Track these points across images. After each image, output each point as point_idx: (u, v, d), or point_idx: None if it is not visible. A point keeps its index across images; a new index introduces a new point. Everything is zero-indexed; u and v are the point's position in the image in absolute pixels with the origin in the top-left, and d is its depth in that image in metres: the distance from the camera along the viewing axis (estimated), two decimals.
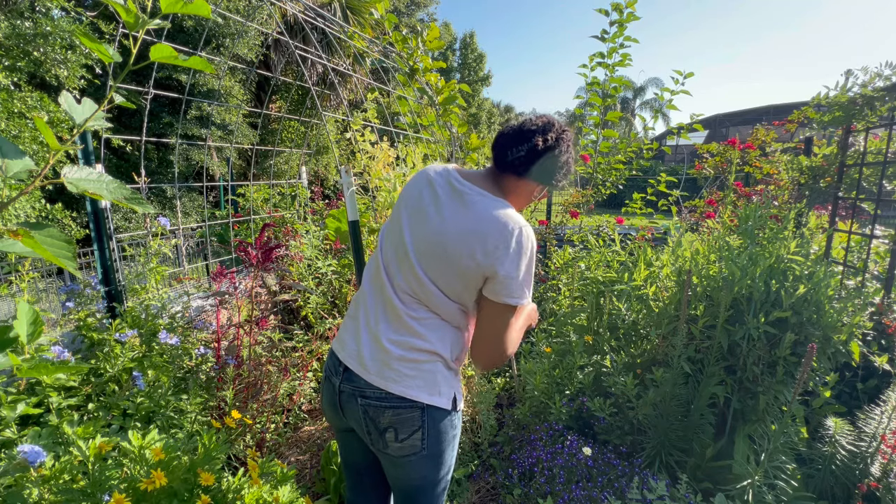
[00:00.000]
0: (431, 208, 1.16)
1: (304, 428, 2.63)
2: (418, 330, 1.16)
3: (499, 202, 1.14)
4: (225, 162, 9.85)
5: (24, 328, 0.72)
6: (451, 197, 1.16)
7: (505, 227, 1.09)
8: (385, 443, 1.17)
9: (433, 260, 1.14)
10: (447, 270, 1.13)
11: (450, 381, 1.20)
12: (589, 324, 2.67)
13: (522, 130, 1.17)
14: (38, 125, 0.57)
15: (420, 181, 1.22)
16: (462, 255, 1.10)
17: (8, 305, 3.30)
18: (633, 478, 1.87)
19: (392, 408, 1.15)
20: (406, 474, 1.22)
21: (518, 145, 1.16)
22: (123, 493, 1.13)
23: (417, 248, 1.16)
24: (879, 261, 2.66)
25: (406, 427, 1.15)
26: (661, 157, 25.18)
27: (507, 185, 1.20)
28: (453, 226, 1.12)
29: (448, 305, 1.17)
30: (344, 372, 1.21)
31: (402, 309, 1.17)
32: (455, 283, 1.14)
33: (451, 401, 1.20)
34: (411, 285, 1.17)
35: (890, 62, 2.41)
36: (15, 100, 5.09)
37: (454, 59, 27.14)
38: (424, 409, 1.15)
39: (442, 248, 1.12)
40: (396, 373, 1.14)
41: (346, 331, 1.26)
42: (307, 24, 2.87)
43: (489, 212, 1.11)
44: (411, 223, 1.18)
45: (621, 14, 3.04)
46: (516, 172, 1.17)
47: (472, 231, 1.10)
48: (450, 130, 2.84)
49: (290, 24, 10.35)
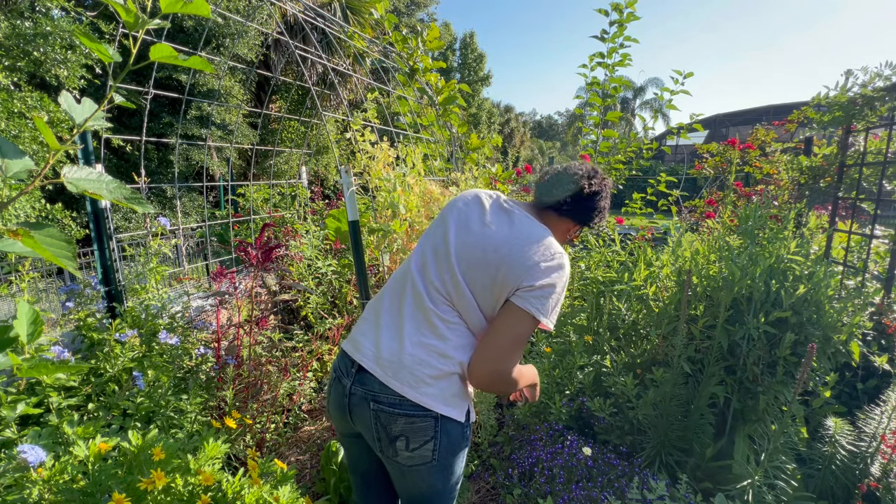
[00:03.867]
0: (477, 218, 1.21)
1: (304, 428, 2.63)
2: (443, 332, 1.15)
3: (543, 227, 1.22)
4: (225, 162, 9.85)
5: (24, 328, 0.72)
6: (498, 213, 1.23)
7: (548, 247, 1.15)
8: (395, 451, 1.14)
9: (473, 265, 1.16)
10: (484, 277, 1.14)
11: (464, 393, 1.19)
12: (589, 324, 2.67)
13: (570, 174, 1.27)
14: (38, 125, 0.57)
15: (469, 196, 1.28)
16: (501, 265, 1.13)
17: (8, 305, 3.30)
18: (633, 478, 1.87)
19: (405, 415, 1.12)
20: (414, 484, 1.20)
21: (564, 186, 1.26)
22: (123, 493, 1.13)
23: (459, 252, 1.18)
24: (879, 261, 2.66)
25: (418, 436, 1.13)
26: (661, 157, 25.19)
27: (547, 219, 1.27)
28: (498, 236, 1.17)
29: (476, 314, 1.17)
30: (357, 373, 1.18)
31: (432, 308, 1.17)
32: (488, 292, 1.15)
33: (465, 413, 1.19)
34: (446, 286, 1.17)
35: (890, 62, 2.42)
36: (15, 100, 5.09)
37: (454, 59, 27.15)
38: (438, 420, 1.13)
39: (483, 253, 1.15)
40: (414, 378, 1.12)
41: (362, 333, 1.24)
42: (307, 24, 2.87)
43: (534, 231, 1.18)
44: (457, 228, 1.21)
45: (621, 14, 3.03)
46: (558, 211, 1.26)
47: (515, 243, 1.14)
48: (450, 130, 2.84)
49: (290, 24, 10.35)
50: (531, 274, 1.10)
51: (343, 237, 3.20)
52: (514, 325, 1.11)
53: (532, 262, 1.11)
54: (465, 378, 1.18)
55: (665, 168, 16.47)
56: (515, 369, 1.12)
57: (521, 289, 1.10)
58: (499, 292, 1.13)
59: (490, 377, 1.12)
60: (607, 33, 3.11)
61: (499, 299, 1.14)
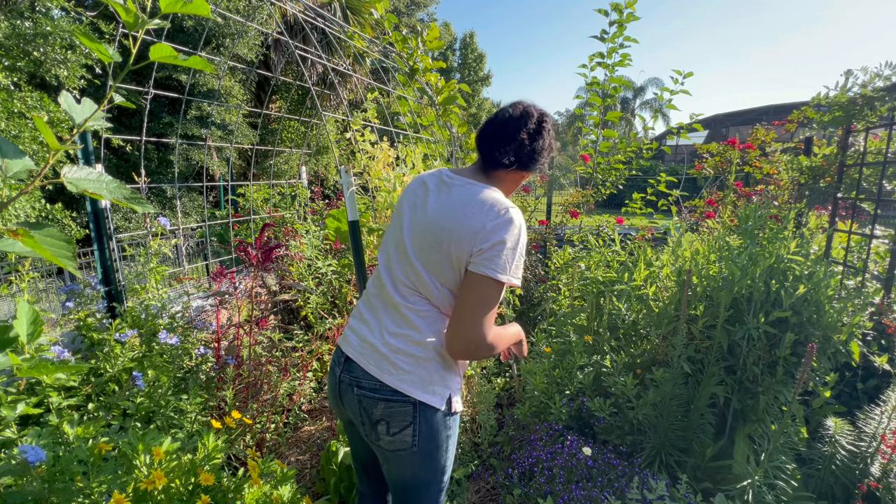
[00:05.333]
0: (422, 203, 1.23)
1: (304, 428, 2.63)
2: (415, 322, 1.19)
3: (484, 187, 1.20)
4: (225, 162, 9.86)
5: (24, 328, 0.72)
6: (439, 189, 1.24)
7: (492, 206, 1.15)
8: (377, 435, 1.20)
9: (425, 247, 1.19)
10: (437, 255, 1.17)
11: (446, 380, 1.21)
12: (589, 324, 2.67)
13: (504, 126, 1.23)
14: (38, 125, 0.57)
15: (415, 184, 1.30)
16: (450, 240, 1.14)
17: (8, 305, 3.30)
18: (632, 478, 1.87)
19: (385, 400, 1.17)
20: (398, 470, 1.24)
21: (503, 145, 1.22)
22: (123, 493, 1.13)
23: (413, 242, 1.21)
24: (879, 261, 2.66)
25: (397, 421, 1.18)
26: (661, 157, 25.18)
27: (496, 176, 1.27)
28: (441, 212, 1.18)
29: (445, 294, 1.20)
30: (345, 362, 1.25)
31: (401, 302, 1.21)
32: (447, 270, 1.17)
33: (446, 401, 1.21)
34: (409, 277, 1.21)
35: (890, 62, 2.42)
36: (15, 100, 5.09)
37: (454, 59, 27.15)
38: (416, 405, 1.17)
39: (431, 233, 1.18)
40: (393, 365, 1.17)
41: (349, 327, 1.31)
42: (307, 24, 2.87)
43: (473, 195, 1.18)
44: (410, 219, 1.25)
45: (621, 14, 3.04)
46: (504, 168, 1.24)
47: (456, 214, 1.16)
48: (450, 130, 2.84)
49: (290, 24, 10.35)
50: (478, 238, 1.11)
51: (343, 237, 3.20)
52: (476, 291, 1.13)
53: (476, 226, 1.12)
54: (447, 363, 1.21)
55: (665, 168, 16.47)
56: (491, 333, 1.15)
57: (473, 254, 1.12)
58: (456, 265, 1.15)
59: (466, 346, 1.15)
60: (607, 33, 3.11)
61: (460, 271, 1.16)
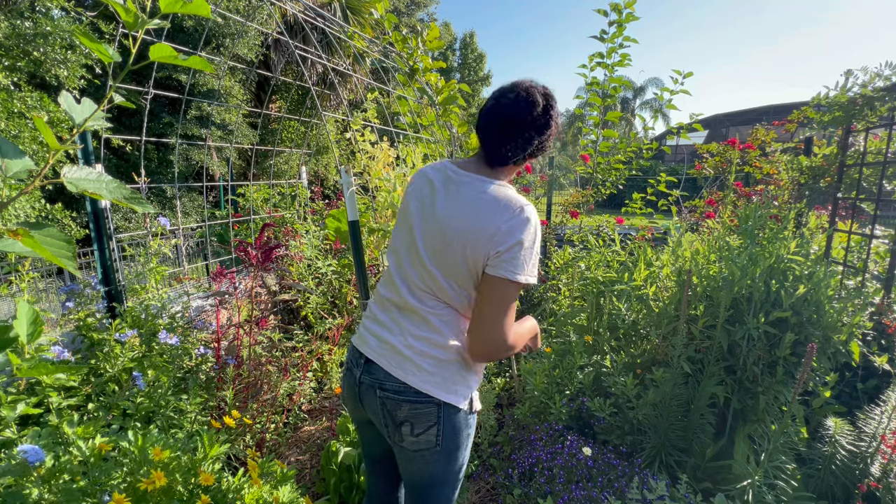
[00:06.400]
0: (430, 202, 1.20)
1: (304, 428, 2.63)
2: (437, 325, 1.18)
3: (492, 182, 1.17)
4: (225, 162, 9.86)
5: (24, 328, 0.72)
6: (447, 188, 1.19)
7: (507, 206, 1.12)
8: (401, 436, 1.19)
9: (438, 250, 1.17)
10: (451, 258, 1.15)
11: (467, 380, 1.22)
12: (589, 324, 2.67)
13: (510, 120, 1.15)
14: (38, 125, 0.57)
15: (420, 180, 1.26)
16: (465, 243, 1.12)
17: (8, 305, 3.30)
18: (632, 478, 1.87)
19: (409, 401, 1.16)
20: (419, 469, 1.24)
21: (510, 142, 1.15)
22: (123, 493, 1.13)
23: (425, 244, 1.19)
24: (879, 261, 2.66)
25: (422, 422, 1.18)
26: (661, 157, 25.17)
27: (501, 168, 1.22)
28: (453, 214, 1.15)
29: (463, 296, 1.18)
30: (364, 364, 1.23)
31: (419, 306, 1.19)
32: (461, 270, 1.15)
33: (468, 401, 1.22)
34: (425, 281, 1.19)
35: (890, 62, 2.42)
36: (15, 100, 5.09)
37: (454, 59, 27.14)
38: (441, 406, 1.17)
39: (442, 236, 1.15)
40: (417, 367, 1.17)
41: (367, 330, 1.28)
42: (307, 24, 2.87)
43: (484, 194, 1.15)
44: (419, 221, 1.21)
45: (620, 14, 3.03)
46: (514, 163, 1.21)
47: (470, 216, 1.13)
48: (450, 130, 2.84)
49: (290, 24, 10.35)
50: (494, 240, 1.10)
51: (343, 237, 3.20)
52: (495, 294, 1.12)
53: (491, 228, 1.10)
54: (468, 363, 1.21)
55: (665, 168, 16.45)
56: (511, 333, 1.14)
57: (490, 257, 1.11)
58: (472, 268, 1.14)
59: (489, 349, 1.14)
60: (606, 33, 3.11)
61: (477, 273, 1.15)
